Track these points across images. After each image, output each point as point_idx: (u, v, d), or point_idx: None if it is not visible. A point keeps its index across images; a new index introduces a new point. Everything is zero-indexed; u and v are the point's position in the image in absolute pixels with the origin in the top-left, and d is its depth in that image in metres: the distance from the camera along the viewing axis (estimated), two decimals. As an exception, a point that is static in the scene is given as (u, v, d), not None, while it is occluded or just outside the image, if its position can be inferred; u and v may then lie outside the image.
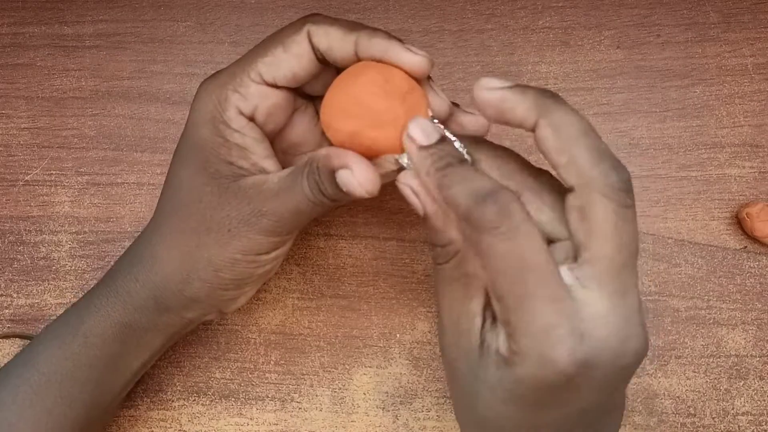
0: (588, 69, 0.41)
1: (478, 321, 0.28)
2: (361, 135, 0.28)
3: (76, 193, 0.41)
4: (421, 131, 0.28)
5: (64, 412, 0.32)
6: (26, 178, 0.41)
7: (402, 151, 0.28)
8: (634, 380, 0.38)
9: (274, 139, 0.33)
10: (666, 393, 0.38)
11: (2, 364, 0.35)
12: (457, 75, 0.41)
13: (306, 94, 0.33)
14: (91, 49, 0.42)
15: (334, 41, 0.29)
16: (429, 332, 0.39)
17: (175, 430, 0.38)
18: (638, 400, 0.38)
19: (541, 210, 0.28)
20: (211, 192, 0.30)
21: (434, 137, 0.28)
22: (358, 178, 0.28)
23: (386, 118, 0.28)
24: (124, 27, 0.42)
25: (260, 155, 0.31)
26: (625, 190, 0.26)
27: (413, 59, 0.29)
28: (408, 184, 0.29)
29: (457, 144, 0.28)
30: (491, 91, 0.27)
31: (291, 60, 0.30)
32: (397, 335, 0.39)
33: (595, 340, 0.25)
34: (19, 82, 0.42)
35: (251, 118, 0.30)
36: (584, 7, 0.41)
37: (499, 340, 0.27)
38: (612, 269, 0.26)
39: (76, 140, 0.41)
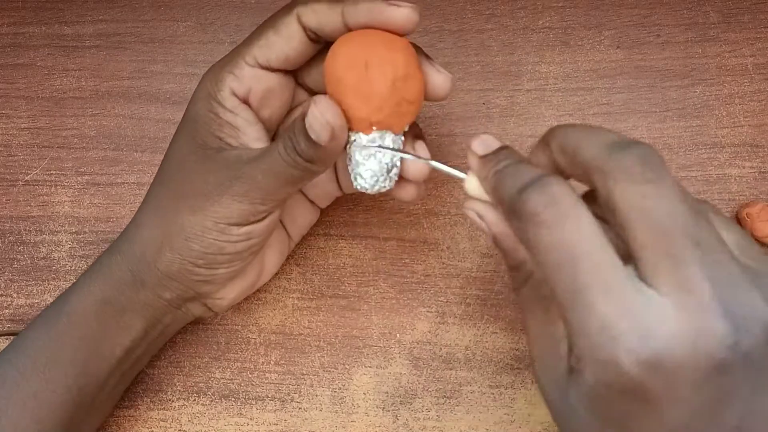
0: (588, 69, 0.41)
1: (564, 346, 0.25)
2: (341, 83, 0.29)
3: (76, 193, 0.41)
4: (481, 143, 0.28)
5: (48, 397, 0.32)
6: (26, 178, 0.41)
7: (362, 130, 0.29)
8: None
9: (278, 130, 0.33)
10: (666, 393, 0.38)
11: None
12: (457, 75, 0.41)
13: (312, 91, 0.34)
14: (91, 49, 0.42)
15: (322, 15, 0.30)
16: (429, 332, 0.39)
17: (175, 430, 0.38)
18: (638, 400, 0.38)
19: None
20: (195, 160, 0.31)
21: (494, 147, 0.28)
22: (321, 108, 0.28)
23: (362, 90, 0.28)
24: (124, 27, 0.42)
25: (251, 137, 0.31)
26: (641, 165, 0.23)
27: (398, 12, 0.28)
28: (473, 208, 0.28)
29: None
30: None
31: (282, 41, 0.30)
32: (397, 335, 0.39)
33: (662, 338, 0.21)
34: (19, 82, 0.42)
35: (246, 101, 0.31)
36: (584, 7, 0.41)
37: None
38: (662, 260, 0.22)
39: (76, 140, 0.41)
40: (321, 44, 0.31)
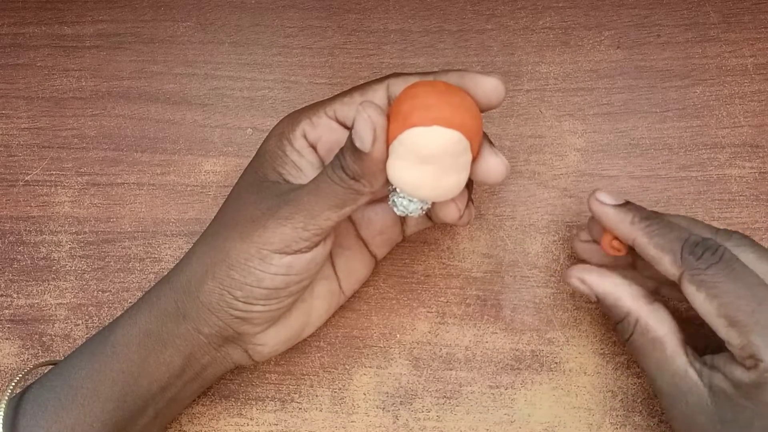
0: (588, 69, 0.41)
1: (693, 373, 0.31)
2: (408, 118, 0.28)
3: (76, 193, 0.41)
4: (609, 195, 0.33)
5: (85, 431, 0.32)
6: (26, 178, 0.41)
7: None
8: (634, 380, 0.38)
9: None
10: (666, 393, 0.38)
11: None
12: (457, 75, 0.41)
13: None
14: (91, 49, 0.42)
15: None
16: (429, 332, 0.39)
17: (175, 430, 0.38)
18: (638, 400, 0.38)
19: None
20: (252, 191, 0.32)
21: (621, 199, 0.33)
22: (366, 109, 0.28)
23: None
24: (124, 27, 0.43)
25: (310, 178, 0.32)
26: (693, 265, 0.30)
27: (489, 82, 0.29)
28: (576, 276, 0.34)
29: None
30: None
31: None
32: (397, 335, 0.39)
33: None
34: (19, 82, 0.42)
35: (314, 147, 0.33)
36: (584, 7, 0.41)
37: (735, 375, 0.30)
38: (753, 329, 0.29)
39: (76, 140, 0.42)
40: None
